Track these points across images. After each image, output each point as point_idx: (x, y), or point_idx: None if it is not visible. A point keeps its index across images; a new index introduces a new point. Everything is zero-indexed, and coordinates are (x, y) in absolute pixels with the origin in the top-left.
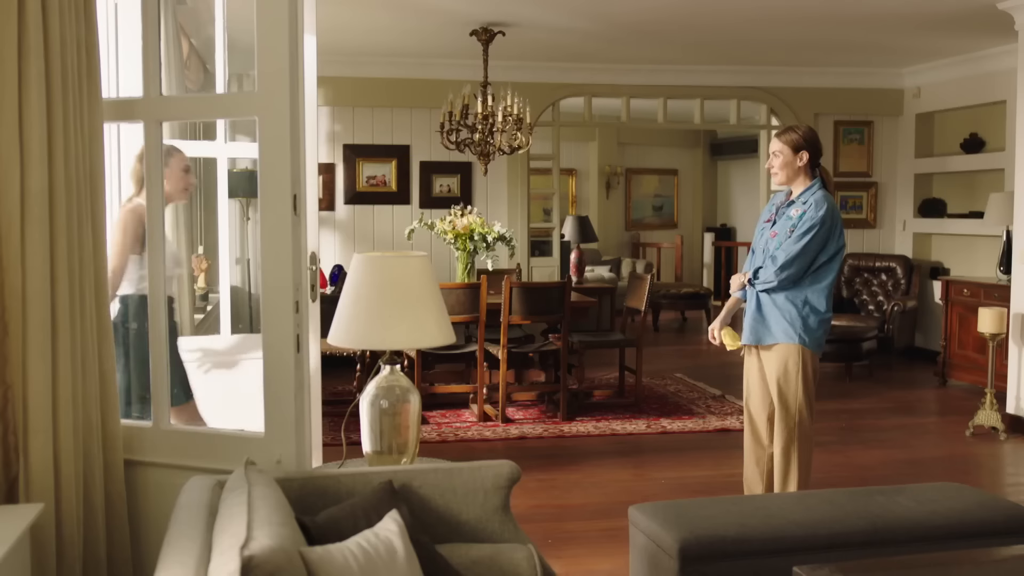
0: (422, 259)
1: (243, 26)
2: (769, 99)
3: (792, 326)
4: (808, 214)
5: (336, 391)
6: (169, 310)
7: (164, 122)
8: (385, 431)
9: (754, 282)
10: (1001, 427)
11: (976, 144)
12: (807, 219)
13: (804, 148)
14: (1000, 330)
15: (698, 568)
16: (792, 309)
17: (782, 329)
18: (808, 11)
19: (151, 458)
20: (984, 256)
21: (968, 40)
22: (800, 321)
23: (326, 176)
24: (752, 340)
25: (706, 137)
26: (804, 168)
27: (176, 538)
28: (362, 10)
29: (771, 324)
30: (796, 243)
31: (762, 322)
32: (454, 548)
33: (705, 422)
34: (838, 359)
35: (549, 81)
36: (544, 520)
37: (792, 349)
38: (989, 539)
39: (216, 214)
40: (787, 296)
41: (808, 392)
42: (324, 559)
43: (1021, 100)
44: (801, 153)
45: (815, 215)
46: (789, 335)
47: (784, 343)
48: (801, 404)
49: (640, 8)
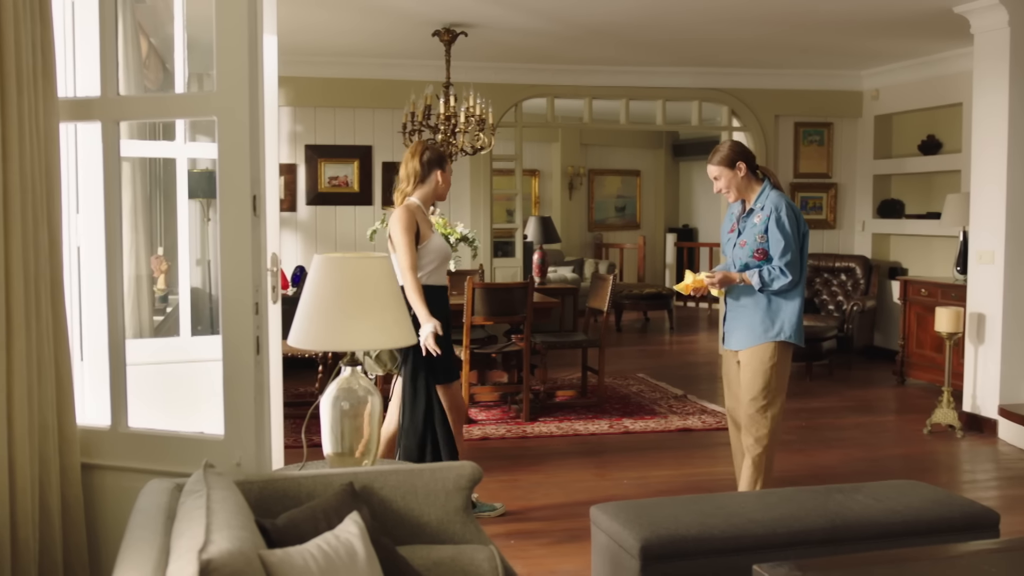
0: (382, 260)
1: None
2: (730, 100)
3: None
4: (769, 213)
5: (298, 393)
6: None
7: (121, 122)
8: (346, 433)
9: (765, 289)
10: (958, 425)
11: (933, 146)
12: (772, 216)
13: (737, 159)
14: (957, 329)
15: (659, 567)
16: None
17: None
18: (768, 13)
19: (109, 461)
20: (941, 256)
21: (925, 43)
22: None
23: (288, 177)
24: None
25: (668, 138)
26: (747, 177)
27: (133, 542)
28: (324, 10)
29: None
30: (779, 236)
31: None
32: (415, 549)
33: (667, 422)
34: (798, 359)
35: (512, 82)
36: (506, 521)
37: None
38: (945, 536)
39: (176, 215)
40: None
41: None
42: (284, 562)
43: (977, 102)
44: (738, 165)
45: (773, 210)
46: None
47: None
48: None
49: (601, 10)
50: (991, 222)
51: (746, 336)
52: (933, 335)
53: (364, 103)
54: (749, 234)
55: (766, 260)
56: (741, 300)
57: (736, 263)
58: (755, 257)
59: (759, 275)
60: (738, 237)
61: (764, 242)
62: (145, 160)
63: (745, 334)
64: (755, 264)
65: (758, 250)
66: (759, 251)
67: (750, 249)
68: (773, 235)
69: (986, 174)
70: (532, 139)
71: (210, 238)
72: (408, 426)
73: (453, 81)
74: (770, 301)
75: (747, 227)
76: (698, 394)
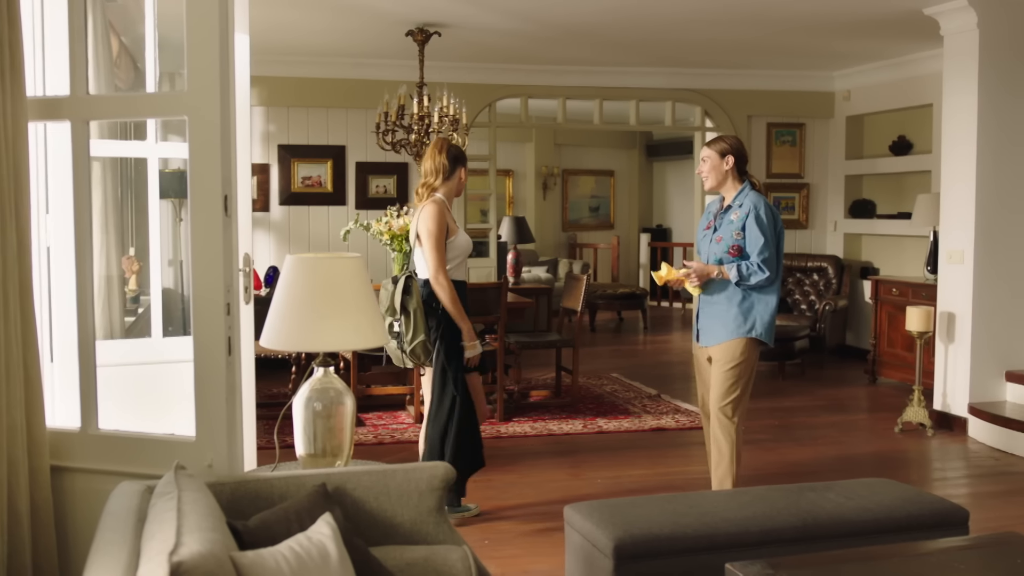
0: (355, 260)
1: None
2: (703, 101)
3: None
4: (748, 211)
5: (271, 393)
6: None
7: (91, 122)
8: (319, 433)
9: (742, 284)
10: (928, 423)
11: (904, 146)
12: (751, 214)
13: (729, 153)
14: (927, 328)
15: (633, 567)
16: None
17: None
18: (741, 14)
19: (79, 463)
20: (912, 256)
21: (896, 44)
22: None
23: (260, 177)
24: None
25: (642, 138)
26: (731, 172)
27: (103, 545)
28: (296, 10)
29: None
30: (758, 233)
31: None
32: (388, 550)
33: (641, 421)
34: (771, 358)
35: (485, 82)
36: (480, 521)
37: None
38: (916, 533)
39: (147, 215)
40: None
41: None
42: (256, 564)
43: (947, 103)
44: (727, 158)
45: (752, 208)
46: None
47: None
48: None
49: (575, 10)
50: (961, 222)
51: (719, 332)
52: (904, 334)
53: (337, 103)
54: (726, 230)
55: (740, 257)
56: (715, 297)
57: (711, 259)
58: (730, 253)
59: (737, 269)
60: (714, 233)
61: (741, 239)
62: (116, 160)
63: (718, 330)
64: (729, 260)
65: (733, 246)
66: (734, 247)
67: (726, 245)
68: (751, 232)
69: (956, 174)
70: (506, 139)
71: (182, 238)
72: (434, 416)
73: (427, 81)
74: (744, 298)
75: (724, 223)
76: (672, 393)
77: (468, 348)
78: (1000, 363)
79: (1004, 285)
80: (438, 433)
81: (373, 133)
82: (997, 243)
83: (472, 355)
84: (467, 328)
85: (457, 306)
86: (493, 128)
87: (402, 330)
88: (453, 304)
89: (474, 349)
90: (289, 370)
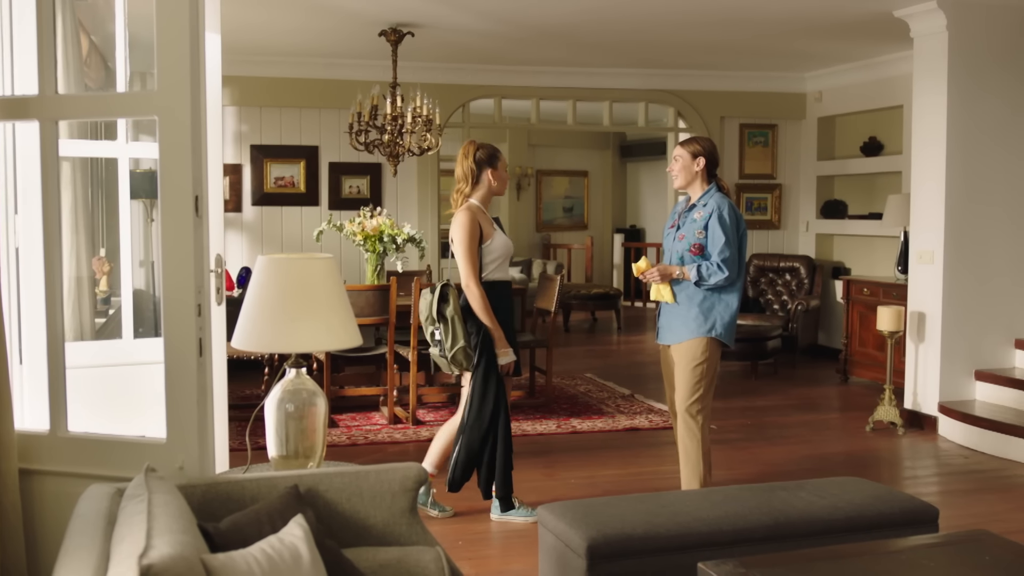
0: (327, 261)
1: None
2: (676, 102)
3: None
4: (712, 211)
5: (244, 395)
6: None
7: (61, 121)
8: (291, 435)
9: (702, 284)
10: (899, 422)
11: (875, 147)
12: (714, 214)
13: (701, 155)
14: (898, 328)
15: (606, 567)
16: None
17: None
18: (714, 16)
19: (48, 466)
20: (883, 256)
21: (867, 46)
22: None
23: (233, 177)
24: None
25: (615, 139)
26: (701, 173)
27: (72, 548)
28: (269, 10)
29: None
30: (720, 233)
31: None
32: (361, 552)
33: (615, 421)
34: (744, 358)
35: (459, 82)
36: (454, 522)
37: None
38: (886, 531)
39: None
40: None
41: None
42: (226, 566)
43: (917, 104)
44: (698, 159)
45: (716, 208)
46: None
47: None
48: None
49: (549, 11)
50: (931, 222)
51: (679, 331)
52: (875, 334)
53: (310, 103)
54: (688, 228)
55: (702, 255)
56: (677, 296)
57: (673, 256)
58: (691, 251)
59: (697, 269)
60: (677, 231)
61: (702, 238)
62: (87, 160)
63: (678, 329)
64: (690, 258)
65: (695, 244)
66: (696, 246)
67: (688, 243)
68: (714, 231)
69: (926, 175)
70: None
71: (154, 239)
72: (474, 422)
73: (400, 81)
74: (705, 298)
75: (687, 222)
76: (645, 393)
77: (500, 355)
78: (970, 362)
79: (974, 285)
80: (478, 437)
81: (346, 133)
82: (966, 243)
83: (504, 362)
84: (499, 335)
85: (488, 313)
86: (467, 129)
87: (442, 338)
88: (484, 312)
89: (507, 356)
90: (262, 371)
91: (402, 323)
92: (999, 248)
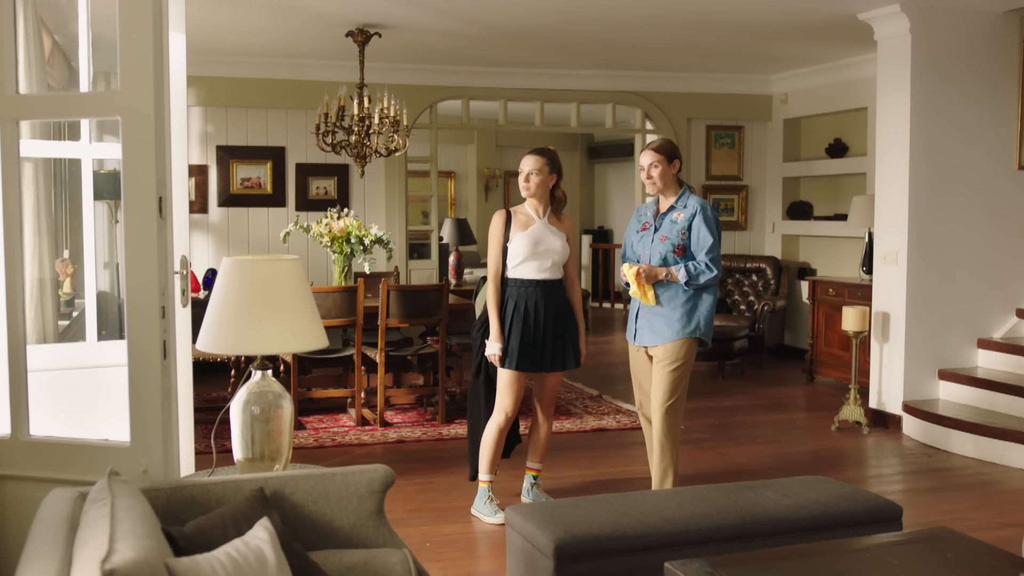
0: (293, 262)
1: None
2: (643, 103)
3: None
4: (694, 212)
5: (210, 397)
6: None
7: (22, 121)
8: (257, 437)
9: (691, 283)
10: (864, 421)
11: (840, 149)
12: (698, 215)
13: (676, 157)
14: (863, 328)
15: (573, 567)
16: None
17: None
18: (680, 19)
19: (9, 471)
20: (848, 257)
21: (832, 49)
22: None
23: (199, 178)
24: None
25: (583, 140)
26: (675, 176)
27: (34, 553)
28: (235, 9)
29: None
30: (707, 233)
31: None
32: (327, 555)
33: (583, 422)
34: (711, 358)
35: (426, 83)
36: (423, 524)
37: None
38: (851, 529)
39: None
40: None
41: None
42: (191, 570)
43: (881, 107)
44: (675, 162)
45: (700, 209)
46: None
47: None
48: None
49: (516, 13)
50: (895, 223)
51: (663, 332)
52: (840, 334)
53: (277, 103)
54: (670, 230)
55: (685, 256)
56: (660, 297)
57: (653, 257)
58: (675, 252)
59: (685, 269)
60: (655, 233)
61: (686, 238)
62: (49, 161)
63: (662, 330)
64: (673, 259)
65: (679, 246)
66: (679, 247)
67: (671, 244)
68: (701, 232)
69: (890, 176)
70: (447, 141)
71: (118, 241)
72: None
73: (367, 82)
74: (688, 299)
75: (665, 223)
76: (613, 394)
77: (487, 345)
78: (933, 362)
79: (937, 285)
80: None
81: (313, 134)
82: (930, 244)
83: (487, 353)
84: (494, 329)
85: (495, 309)
86: (434, 130)
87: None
88: (490, 308)
89: (490, 348)
90: (228, 374)
91: (369, 325)
92: (962, 249)
